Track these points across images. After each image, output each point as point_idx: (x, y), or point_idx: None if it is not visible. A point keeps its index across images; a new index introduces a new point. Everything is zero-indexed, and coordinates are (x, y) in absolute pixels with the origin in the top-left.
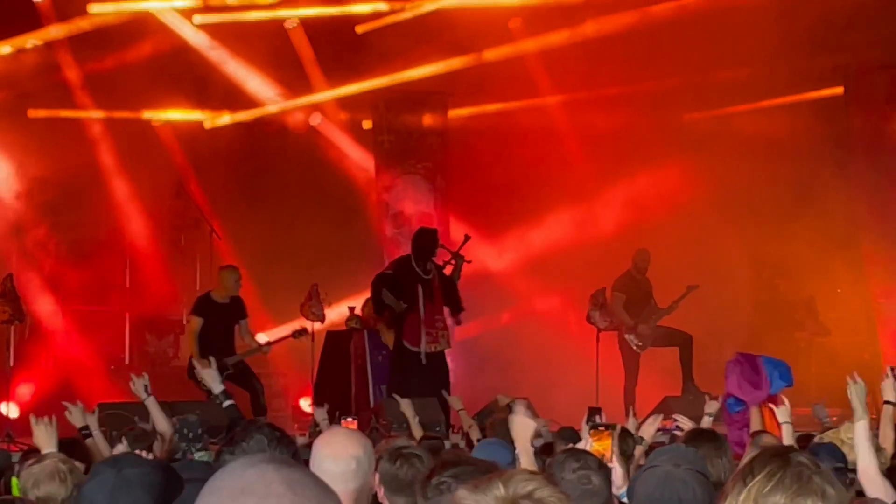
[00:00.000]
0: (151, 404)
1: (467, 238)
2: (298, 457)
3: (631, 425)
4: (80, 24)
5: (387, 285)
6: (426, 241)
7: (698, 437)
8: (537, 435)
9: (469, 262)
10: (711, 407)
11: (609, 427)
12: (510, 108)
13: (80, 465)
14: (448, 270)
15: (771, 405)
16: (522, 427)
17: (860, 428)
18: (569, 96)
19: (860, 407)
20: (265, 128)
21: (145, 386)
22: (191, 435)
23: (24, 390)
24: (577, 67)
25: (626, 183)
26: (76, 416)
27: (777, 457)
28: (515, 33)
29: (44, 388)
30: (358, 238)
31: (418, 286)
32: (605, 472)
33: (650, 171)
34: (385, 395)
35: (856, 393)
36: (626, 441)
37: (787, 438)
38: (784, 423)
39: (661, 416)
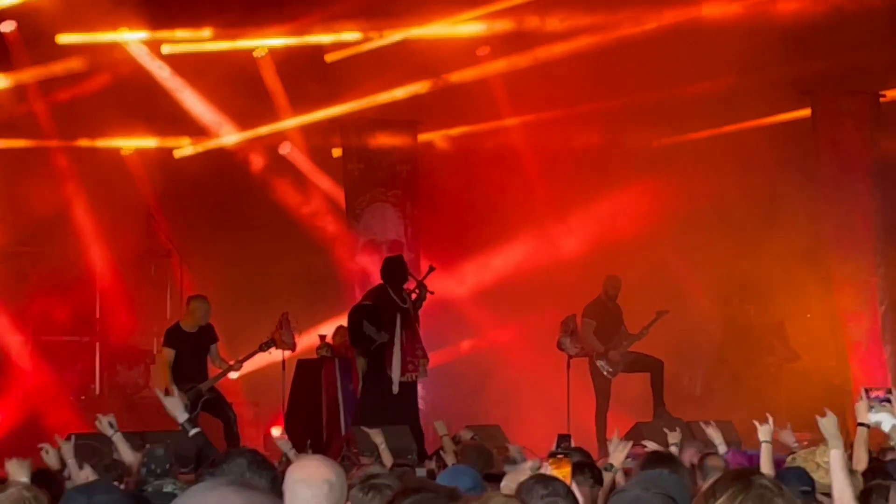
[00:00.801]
0: (119, 440)
1: (431, 269)
2: (278, 482)
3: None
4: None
5: (367, 317)
6: (397, 268)
7: (656, 460)
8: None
9: (432, 293)
10: (674, 437)
11: (568, 454)
12: (479, 134)
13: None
14: (413, 298)
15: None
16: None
17: (835, 457)
18: (536, 120)
19: (834, 437)
20: (235, 157)
21: (110, 423)
22: (158, 470)
23: None
24: (546, 93)
25: (595, 208)
26: (52, 459)
27: (739, 479)
28: (483, 60)
29: (13, 419)
30: (328, 266)
31: (397, 315)
32: (573, 498)
33: (619, 196)
34: (352, 423)
35: (827, 425)
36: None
37: (766, 457)
38: (764, 441)
39: (631, 443)
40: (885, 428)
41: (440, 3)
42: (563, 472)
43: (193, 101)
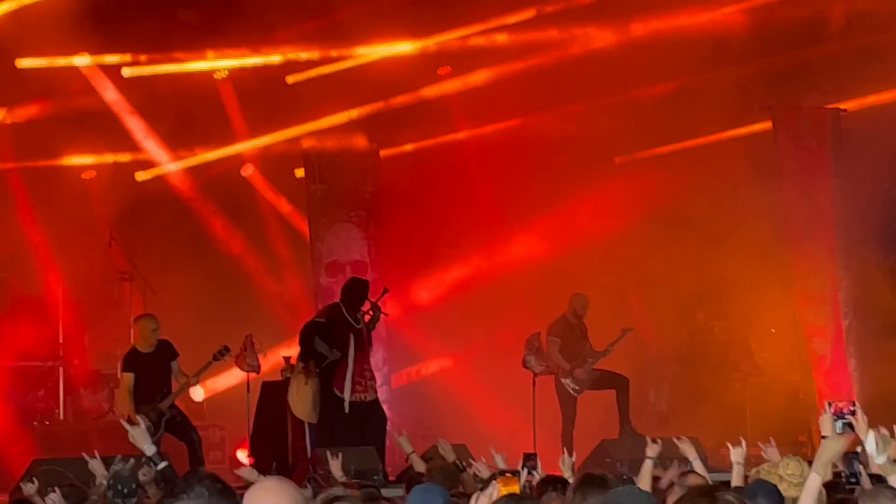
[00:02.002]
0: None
1: (385, 291)
2: None
3: (567, 464)
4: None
5: (320, 333)
6: (358, 291)
7: (587, 483)
8: None
9: (386, 314)
10: (652, 450)
11: (516, 473)
12: (441, 153)
13: None
14: (366, 319)
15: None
16: None
17: (813, 480)
18: (498, 136)
19: (825, 465)
20: (197, 178)
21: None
22: (125, 491)
23: None
24: (506, 110)
25: (559, 224)
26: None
27: (704, 496)
28: (443, 78)
29: None
30: (292, 287)
31: (350, 335)
32: None
33: (584, 212)
34: (314, 445)
35: (833, 447)
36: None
37: (737, 479)
38: (736, 463)
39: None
40: (871, 449)
41: (397, 24)
42: (511, 490)
43: (154, 124)
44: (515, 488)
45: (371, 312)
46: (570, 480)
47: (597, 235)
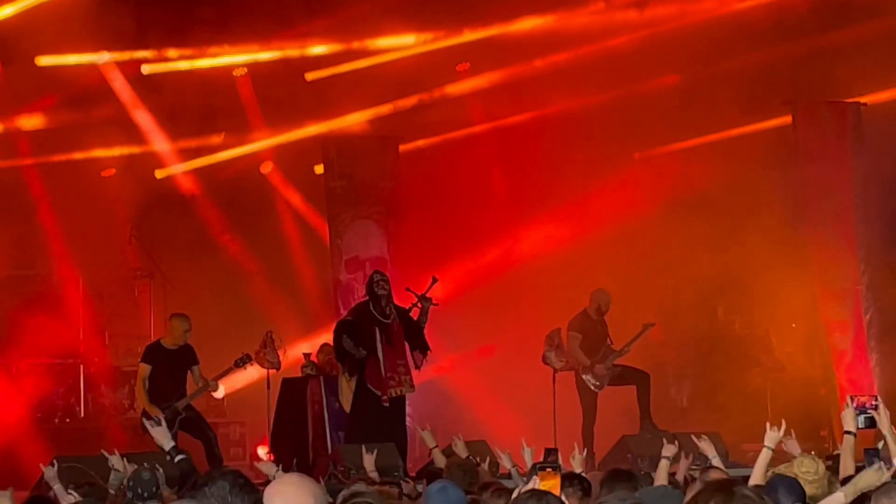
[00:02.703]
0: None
1: (434, 280)
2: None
3: (577, 460)
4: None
5: (347, 332)
6: (372, 285)
7: (614, 477)
8: None
9: (436, 304)
10: (669, 450)
11: (557, 467)
12: (460, 148)
13: None
14: (415, 314)
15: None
16: None
17: (835, 499)
18: (517, 131)
19: (852, 487)
20: (217, 175)
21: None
22: (145, 494)
23: None
24: (527, 105)
25: (578, 219)
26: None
27: (721, 490)
28: (462, 74)
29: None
30: (312, 284)
31: (376, 329)
32: None
33: (603, 206)
34: (344, 440)
35: (873, 479)
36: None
37: (762, 463)
38: (766, 446)
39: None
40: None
41: (416, 20)
42: (551, 484)
43: (172, 122)
44: (556, 482)
45: (420, 305)
46: (584, 476)
47: (616, 230)
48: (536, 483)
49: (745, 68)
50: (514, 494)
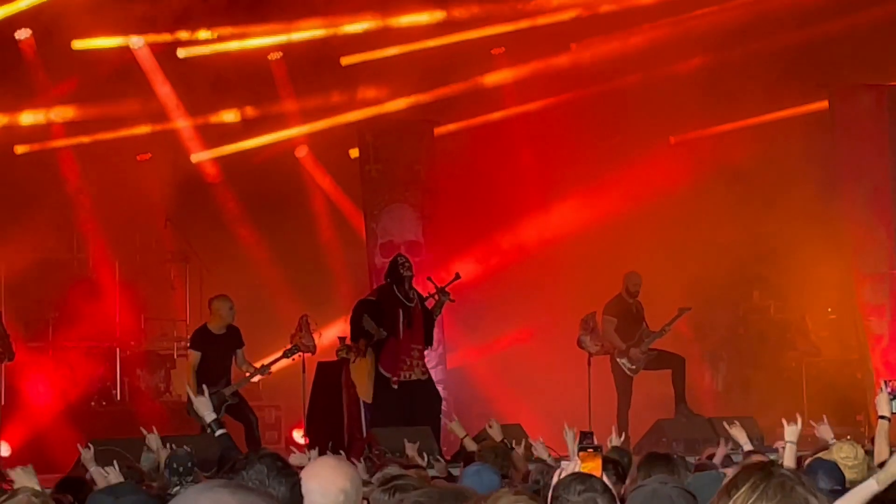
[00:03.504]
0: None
1: (457, 276)
2: (298, 488)
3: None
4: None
5: (369, 311)
6: (393, 266)
7: (652, 460)
8: None
9: (453, 301)
10: (791, 434)
11: (598, 448)
12: (495, 131)
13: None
14: (430, 304)
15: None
16: None
17: (866, 488)
18: (552, 114)
19: (884, 474)
20: (251, 160)
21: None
22: (181, 469)
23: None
24: (562, 88)
25: (613, 202)
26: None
27: (760, 470)
28: (499, 60)
29: (35, 425)
30: (347, 268)
31: (399, 311)
32: (610, 495)
33: (638, 190)
34: (369, 424)
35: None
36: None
37: (789, 458)
38: (789, 441)
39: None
40: None
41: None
42: (592, 465)
43: (207, 106)
44: (597, 463)
45: (437, 297)
46: (619, 460)
47: (651, 213)
48: (578, 465)
49: (781, 50)
50: (555, 479)
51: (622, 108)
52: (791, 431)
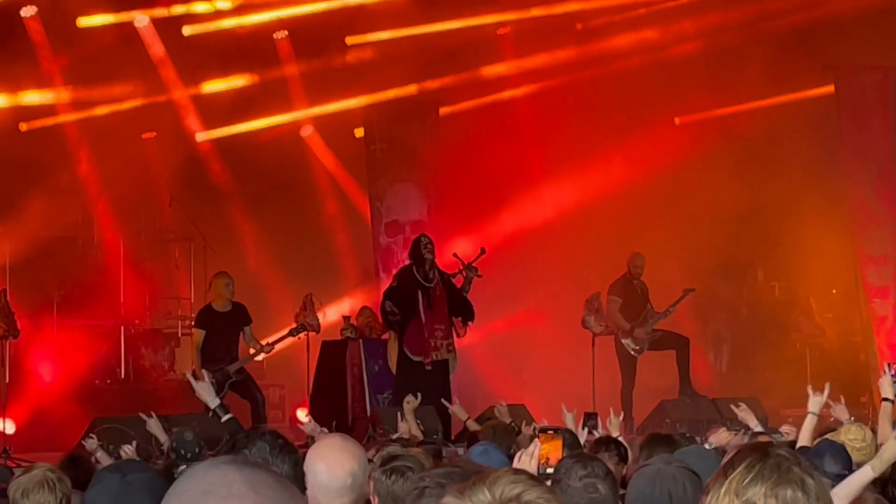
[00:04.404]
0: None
1: (482, 252)
2: (300, 465)
3: (614, 424)
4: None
5: (391, 297)
6: (414, 248)
7: (654, 441)
8: None
9: (480, 276)
10: (814, 405)
11: (557, 431)
12: (499, 110)
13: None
14: (458, 281)
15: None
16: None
17: (863, 475)
18: (557, 94)
19: (879, 459)
20: (256, 139)
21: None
22: (188, 455)
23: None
24: (567, 68)
25: (619, 183)
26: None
27: (756, 450)
28: (504, 40)
29: (40, 403)
30: (352, 247)
31: (418, 293)
32: (612, 479)
33: (644, 171)
34: (391, 403)
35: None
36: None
37: (807, 430)
38: (811, 412)
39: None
40: None
41: None
42: (551, 447)
43: (212, 84)
44: (557, 444)
45: (465, 273)
46: (620, 440)
47: (656, 195)
48: (538, 446)
49: (787, 32)
50: (516, 460)
51: (627, 88)
52: (815, 402)
